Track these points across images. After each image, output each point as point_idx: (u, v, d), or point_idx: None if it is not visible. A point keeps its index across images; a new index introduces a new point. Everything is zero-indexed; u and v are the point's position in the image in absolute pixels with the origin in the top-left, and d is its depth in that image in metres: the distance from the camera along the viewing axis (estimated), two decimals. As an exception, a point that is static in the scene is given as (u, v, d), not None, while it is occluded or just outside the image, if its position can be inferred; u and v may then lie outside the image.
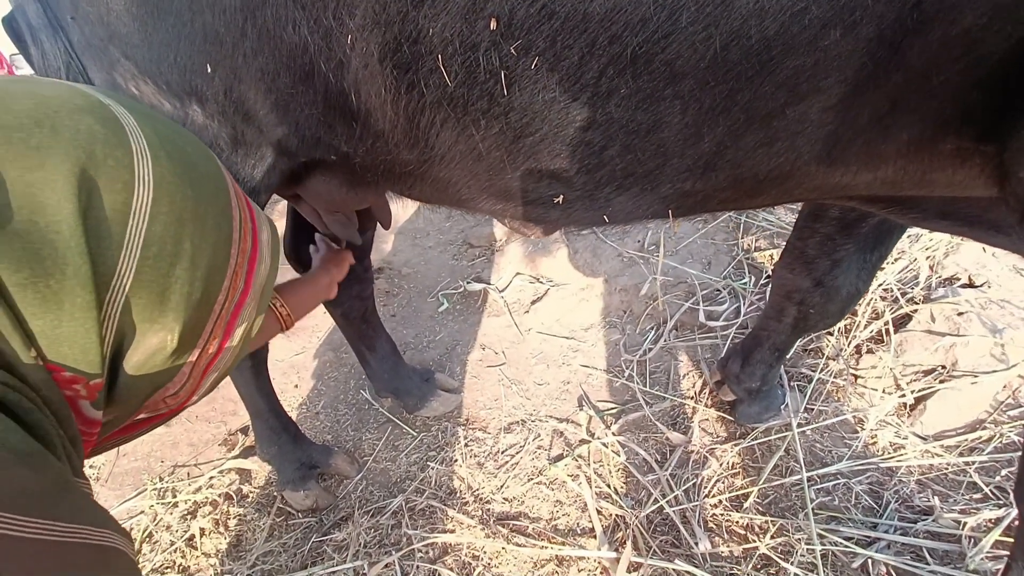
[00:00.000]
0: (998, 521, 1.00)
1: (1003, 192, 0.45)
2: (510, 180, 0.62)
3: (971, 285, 1.37)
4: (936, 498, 1.08)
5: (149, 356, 0.38)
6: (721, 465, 1.25)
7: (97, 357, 0.34)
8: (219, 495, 1.40)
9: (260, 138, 0.77)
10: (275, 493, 1.38)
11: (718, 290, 1.80)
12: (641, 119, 0.49)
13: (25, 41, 0.81)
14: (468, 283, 2.18)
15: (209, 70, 0.68)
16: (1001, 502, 1.06)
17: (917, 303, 1.38)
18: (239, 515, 1.35)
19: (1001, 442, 1.16)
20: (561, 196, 0.62)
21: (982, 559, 0.96)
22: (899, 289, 1.43)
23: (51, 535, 0.27)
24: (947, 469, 1.14)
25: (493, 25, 0.44)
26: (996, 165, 0.46)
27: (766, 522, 1.11)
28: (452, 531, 1.20)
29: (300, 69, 0.61)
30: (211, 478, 1.46)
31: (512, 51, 0.46)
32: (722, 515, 1.14)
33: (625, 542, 1.11)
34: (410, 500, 1.30)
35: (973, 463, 1.13)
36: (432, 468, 1.39)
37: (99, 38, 0.71)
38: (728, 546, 1.08)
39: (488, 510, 1.26)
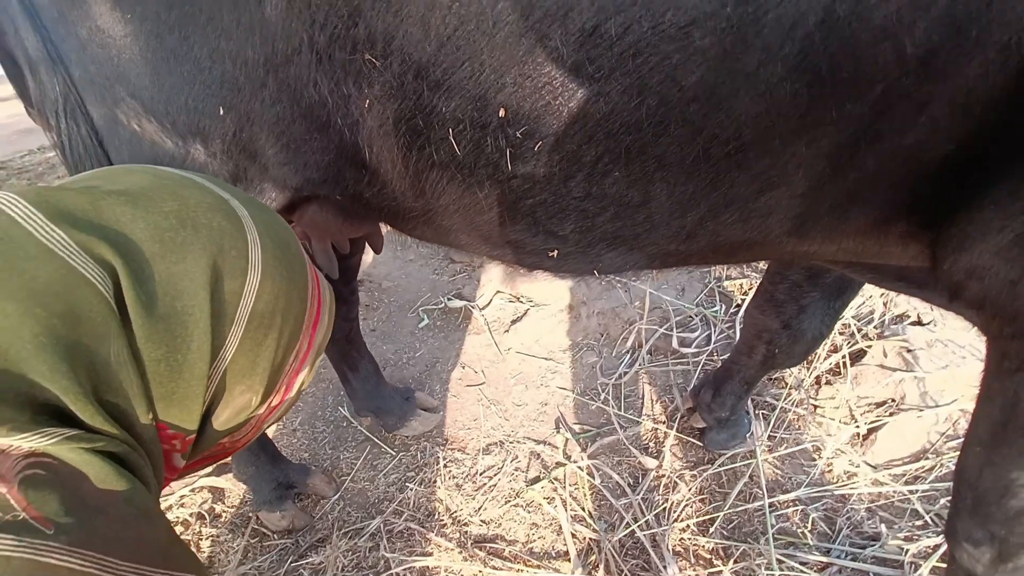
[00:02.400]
0: (936, 548, 1.10)
1: (934, 274, 0.52)
2: (509, 233, 0.66)
3: (919, 323, 1.49)
4: (883, 525, 1.17)
5: (236, 413, 0.43)
6: (690, 490, 1.31)
7: (198, 416, 0.40)
8: (191, 515, 1.38)
9: (263, 175, 0.79)
10: (250, 513, 1.37)
11: (691, 317, 1.89)
12: (631, 196, 0.54)
13: (19, 67, 0.81)
14: (449, 299, 2.21)
15: (221, 112, 0.70)
16: (939, 529, 1.15)
17: (871, 339, 1.49)
18: (212, 536, 1.34)
19: (941, 472, 1.26)
20: (556, 251, 0.66)
21: (922, 583, 1.05)
22: (855, 325, 1.53)
23: None
24: (893, 497, 1.24)
25: (502, 113, 0.49)
26: (934, 251, 0.53)
27: (730, 547, 1.17)
28: (430, 554, 1.22)
29: (316, 121, 0.64)
30: (182, 496, 1.43)
31: (518, 135, 0.50)
32: (690, 539, 1.20)
33: (598, 566, 1.15)
34: (388, 522, 1.31)
35: (916, 492, 1.23)
36: (411, 489, 1.41)
37: (105, 76, 0.72)
38: (695, 570, 1.14)
39: (466, 532, 1.29)
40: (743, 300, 1.86)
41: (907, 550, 1.11)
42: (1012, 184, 0.42)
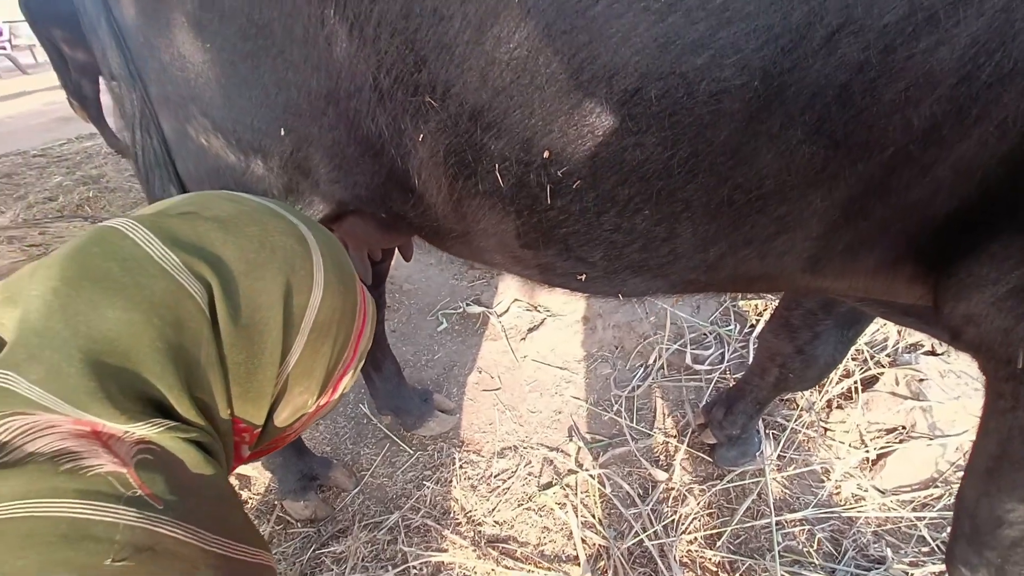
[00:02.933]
0: (940, 575, 1.12)
1: (936, 316, 0.57)
2: (541, 257, 0.72)
3: (933, 353, 1.50)
4: (889, 549, 1.20)
5: (294, 412, 0.49)
6: (698, 504, 1.35)
7: (265, 412, 0.46)
8: (220, 499, 1.46)
9: (313, 190, 0.86)
10: (275, 501, 1.44)
11: (705, 334, 1.92)
12: (658, 232, 0.59)
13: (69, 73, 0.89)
14: (468, 304, 2.27)
15: (282, 133, 0.77)
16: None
17: (884, 366, 1.51)
18: (239, 521, 1.41)
19: (949, 501, 1.28)
20: (584, 275, 0.72)
21: (924, 608, 1.07)
22: (868, 352, 1.56)
23: (254, 558, 0.38)
24: (901, 522, 1.26)
25: (546, 154, 0.55)
26: (936, 295, 0.57)
27: (736, 561, 1.21)
28: (446, 550, 1.28)
29: (370, 147, 0.70)
30: (212, 482, 1.51)
31: (559, 174, 0.56)
32: (697, 552, 1.24)
33: (607, 572, 1.20)
34: (406, 517, 1.37)
35: (924, 519, 1.25)
36: (428, 487, 1.47)
37: (180, 96, 0.80)
38: (700, 581, 1.18)
39: (480, 532, 1.34)
40: (757, 320, 1.89)
41: (911, 575, 1.13)
42: (1007, 241, 0.46)
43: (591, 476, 1.44)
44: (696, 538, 1.26)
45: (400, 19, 0.53)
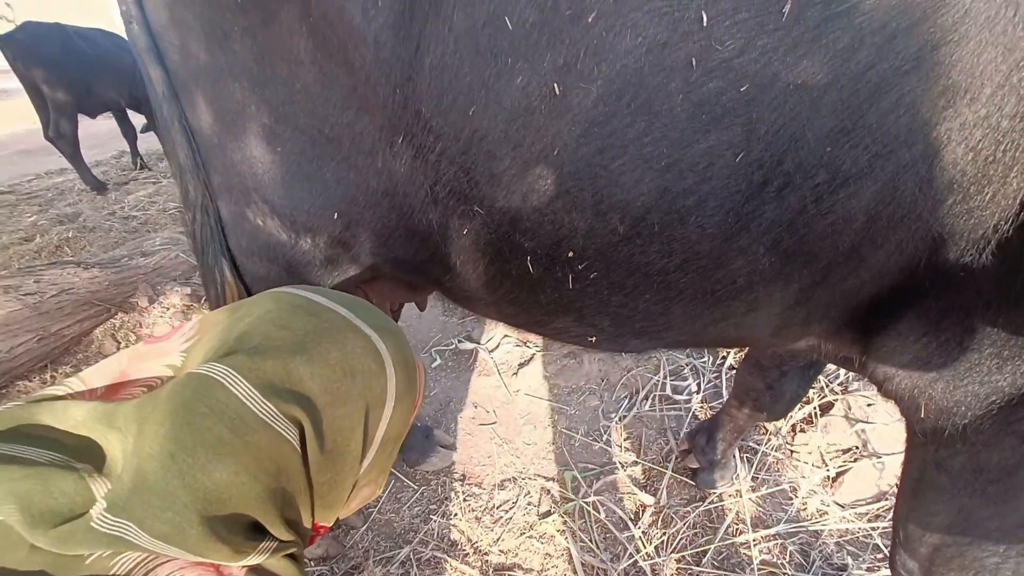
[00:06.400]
0: (892, 578, 1.29)
1: (867, 373, 0.74)
2: (559, 323, 0.87)
3: (879, 380, 1.72)
4: (849, 557, 1.37)
5: (361, 501, 0.58)
6: (684, 524, 1.50)
7: (340, 511, 0.53)
8: (232, 542, 1.51)
9: (352, 262, 0.99)
10: (288, 541, 1.50)
11: (682, 366, 2.10)
12: (656, 308, 0.75)
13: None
14: (460, 341, 2.39)
15: (335, 217, 0.90)
16: (896, 562, 1.35)
17: (838, 393, 1.72)
18: (254, 562, 1.47)
19: (898, 512, 1.47)
20: (594, 337, 0.87)
21: (880, 609, 1.24)
22: (824, 381, 1.77)
23: None
24: (858, 533, 1.44)
25: (571, 254, 0.70)
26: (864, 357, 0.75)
27: (720, 576, 1.35)
28: (457, 580, 1.38)
29: (418, 234, 0.84)
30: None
31: (579, 267, 0.71)
32: (685, 569, 1.38)
33: (607, 592, 1.32)
34: (416, 551, 1.46)
35: (877, 528, 1.43)
36: (434, 520, 1.56)
37: (244, 185, 0.92)
38: (690, 596, 1.32)
39: (487, 561, 1.44)
40: (728, 353, 2.08)
41: (868, 580, 1.30)
42: (908, 323, 0.64)
43: (586, 503, 1.56)
44: (684, 556, 1.41)
45: (459, 154, 0.68)
